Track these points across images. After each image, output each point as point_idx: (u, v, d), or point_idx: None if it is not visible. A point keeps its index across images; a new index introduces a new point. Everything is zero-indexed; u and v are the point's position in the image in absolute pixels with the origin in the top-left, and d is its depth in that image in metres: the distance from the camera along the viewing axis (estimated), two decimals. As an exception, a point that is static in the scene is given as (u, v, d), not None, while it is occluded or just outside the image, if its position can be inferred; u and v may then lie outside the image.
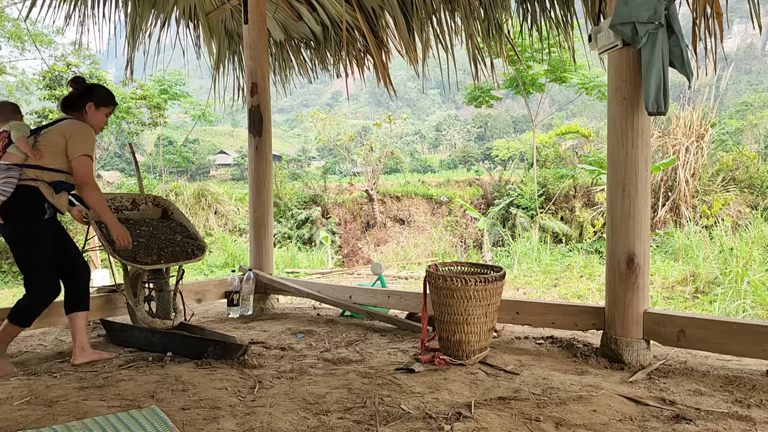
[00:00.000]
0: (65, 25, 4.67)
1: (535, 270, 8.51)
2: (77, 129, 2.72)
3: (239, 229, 14.17)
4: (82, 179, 2.70)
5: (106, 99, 2.87)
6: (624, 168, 2.67)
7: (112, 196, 3.36)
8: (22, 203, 2.61)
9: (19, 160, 2.63)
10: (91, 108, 2.81)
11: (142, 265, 2.92)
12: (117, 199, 3.36)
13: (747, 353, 2.48)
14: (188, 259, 3.07)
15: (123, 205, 3.37)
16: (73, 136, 2.68)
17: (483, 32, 4.11)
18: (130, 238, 2.85)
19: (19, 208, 2.62)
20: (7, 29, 15.25)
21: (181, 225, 3.36)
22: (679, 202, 10.64)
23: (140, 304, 3.10)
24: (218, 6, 4.87)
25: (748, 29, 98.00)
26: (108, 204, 3.08)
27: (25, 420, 1.97)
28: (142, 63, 5.26)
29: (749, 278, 5.43)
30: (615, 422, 1.99)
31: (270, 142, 4.34)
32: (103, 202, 2.78)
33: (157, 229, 3.24)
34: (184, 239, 3.19)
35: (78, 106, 2.81)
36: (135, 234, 3.05)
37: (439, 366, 2.67)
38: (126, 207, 3.38)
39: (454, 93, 48.58)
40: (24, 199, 2.62)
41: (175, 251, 3.08)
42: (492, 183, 16.54)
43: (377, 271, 4.48)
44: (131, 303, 3.11)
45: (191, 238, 3.24)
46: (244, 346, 2.80)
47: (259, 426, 1.92)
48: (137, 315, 3.07)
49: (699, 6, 2.82)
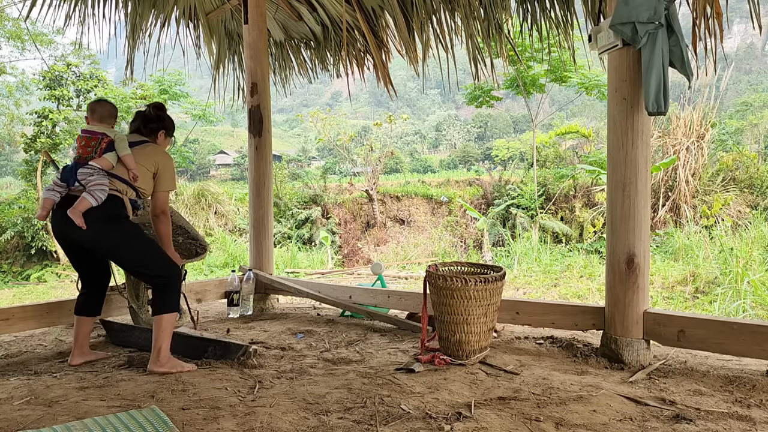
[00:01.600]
0: (65, 25, 4.67)
1: (535, 270, 8.51)
2: (169, 164, 2.85)
3: (239, 229, 14.17)
4: (162, 209, 2.82)
5: (173, 130, 3.04)
6: (624, 168, 2.67)
7: None
8: (110, 208, 2.59)
9: (109, 167, 2.62)
10: (162, 135, 2.95)
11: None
12: None
13: (747, 353, 2.48)
14: (192, 258, 3.13)
15: None
16: (166, 170, 2.81)
17: (483, 32, 4.11)
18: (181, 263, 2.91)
19: (108, 212, 2.58)
20: (7, 29, 15.26)
21: (180, 227, 3.41)
22: (679, 202, 10.64)
23: (144, 306, 3.11)
24: (218, 6, 4.87)
25: (748, 29, 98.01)
26: None
27: (25, 420, 1.97)
28: (142, 63, 5.26)
29: (749, 278, 5.43)
30: (615, 422, 1.99)
31: (270, 142, 4.34)
32: (171, 233, 2.89)
33: None
34: (186, 240, 3.25)
35: (153, 129, 2.91)
36: None
37: (439, 366, 2.67)
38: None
39: (454, 93, 48.61)
40: (112, 205, 2.61)
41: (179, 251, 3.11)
42: (492, 183, 16.54)
43: (377, 271, 4.48)
44: (134, 305, 3.13)
45: (192, 239, 3.30)
46: (245, 346, 2.82)
47: (259, 426, 1.92)
48: (141, 316, 3.08)
49: (699, 6, 2.81)
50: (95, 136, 2.64)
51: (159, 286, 2.66)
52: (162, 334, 2.60)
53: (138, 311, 3.10)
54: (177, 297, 2.70)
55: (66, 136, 15.44)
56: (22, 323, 3.15)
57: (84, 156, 2.62)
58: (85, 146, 2.63)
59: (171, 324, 2.65)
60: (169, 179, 2.83)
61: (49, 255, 13.31)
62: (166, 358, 2.60)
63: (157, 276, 2.66)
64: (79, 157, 2.63)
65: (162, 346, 2.59)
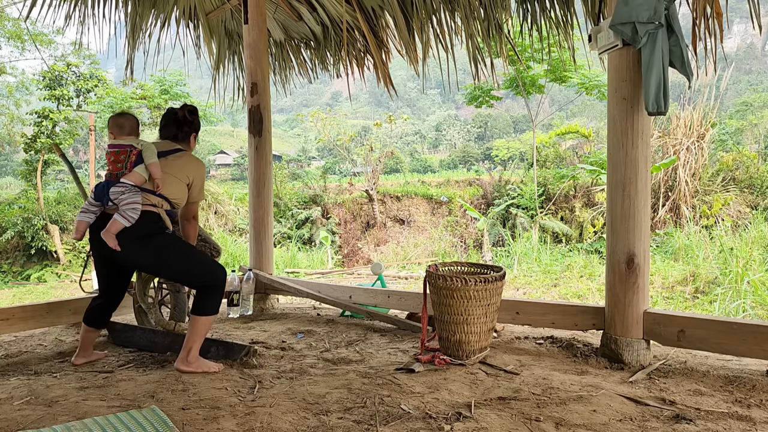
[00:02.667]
0: (65, 25, 4.66)
1: (535, 270, 8.51)
2: (202, 174, 2.85)
3: (239, 229, 14.18)
4: (194, 215, 2.93)
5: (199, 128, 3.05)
6: (624, 168, 2.67)
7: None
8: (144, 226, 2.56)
9: (142, 181, 2.57)
10: (193, 138, 2.97)
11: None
12: None
13: (747, 353, 2.48)
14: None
15: None
16: (198, 180, 2.81)
17: (483, 32, 4.11)
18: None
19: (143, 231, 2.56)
20: (7, 29, 15.26)
21: None
22: (679, 202, 10.64)
23: (154, 307, 3.11)
24: (218, 6, 4.87)
25: (748, 29, 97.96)
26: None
27: (25, 420, 1.97)
28: (142, 63, 5.25)
29: (749, 278, 5.43)
30: (615, 422, 1.99)
31: (270, 142, 4.34)
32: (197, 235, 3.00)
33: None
34: (199, 243, 3.29)
35: (187, 133, 2.91)
36: None
37: (439, 366, 2.67)
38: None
39: (454, 93, 48.58)
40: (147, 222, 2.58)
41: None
42: (492, 183, 16.55)
43: (377, 271, 4.48)
44: (144, 306, 3.13)
45: (205, 241, 3.34)
46: (248, 347, 2.82)
47: (259, 426, 1.92)
48: (152, 318, 3.07)
49: (699, 6, 2.81)
50: (123, 149, 2.60)
51: (203, 289, 2.68)
52: (195, 336, 2.61)
53: (147, 311, 3.10)
54: (218, 300, 2.72)
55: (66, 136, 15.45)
56: (22, 323, 3.15)
57: (115, 172, 2.57)
58: (115, 162, 2.59)
59: (206, 327, 2.66)
60: (202, 190, 2.88)
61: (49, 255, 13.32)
62: (194, 358, 2.61)
63: (204, 281, 2.67)
64: (110, 174, 2.59)
65: (193, 346, 2.60)
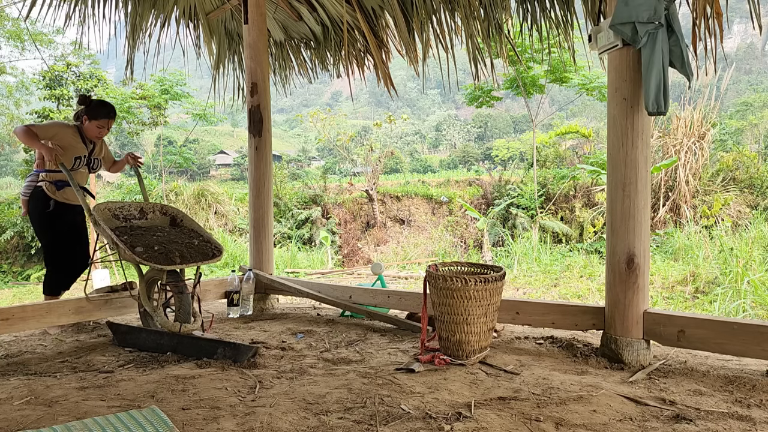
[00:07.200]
0: (65, 25, 4.67)
1: (535, 270, 8.51)
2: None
3: (239, 229, 14.18)
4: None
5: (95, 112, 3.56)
6: (624, 168, 2.67)
7: (120, 205, 3.42)
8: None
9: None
10: (86, 120, 3.56)
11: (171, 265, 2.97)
12: (125, 208, 3.44)
13: (747, 353, 2.48)
14: (208, 260, 3.17)
15: (131, 214, 3.45)
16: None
17: (483, 32, 4.11)
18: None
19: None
20: (7, 29, 15.26)
21: (193, 230, 3.46)
22: (679, 202, 10.64)
23: (159, 309, 3.11)
24: (218, 6, 4.87)
25: (748, 29, 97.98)
26: (116, 213, 3.36)
27: (25, 420, 1.97)
28: (142, 63, 5.26)
29: (749, 278, 5.43)
30: (615, 422, 1.98)
31: (270, 142, 4.34)
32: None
33: (171, 234, 3.33)
34: (202, 243, 3.30)
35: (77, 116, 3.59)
36: (152, 240, 3.13)
37: (439, 366, 2.67)
38: (134, 216, 3.46)
39: (454, 93, 48.51)
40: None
41: (196, 253, 3.18)
42: (492, 183, 16.55)
43: (377, 271, 4.48)
44: (147, 308, 3.13)
45: (207, 241, 3.34)
46: (255, 348, 2.83)
47: (259, 426, 1.92)
48: (157, 319, 3.07)
49: (699, 6, 2.81)
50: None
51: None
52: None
53: (152, 313, 3.10)
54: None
55: (66, 136, 15.38)
56: (22, 323, 3.15)
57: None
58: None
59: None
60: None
61: (49, 255, 13.28)
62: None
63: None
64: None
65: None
